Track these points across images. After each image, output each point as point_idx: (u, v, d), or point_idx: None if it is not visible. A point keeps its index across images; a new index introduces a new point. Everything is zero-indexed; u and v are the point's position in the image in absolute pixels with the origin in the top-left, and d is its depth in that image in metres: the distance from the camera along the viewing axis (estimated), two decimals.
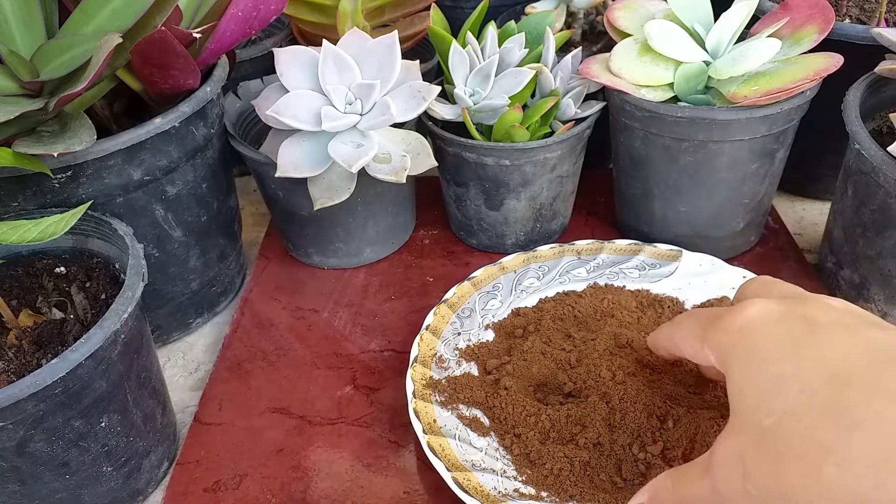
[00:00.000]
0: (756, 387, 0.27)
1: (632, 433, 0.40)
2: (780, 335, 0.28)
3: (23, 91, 0.41)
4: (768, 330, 0.28)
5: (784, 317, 0.28)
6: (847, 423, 0.24)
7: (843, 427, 0.24)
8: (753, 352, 0.28)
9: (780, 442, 0.26)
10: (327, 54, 0.48)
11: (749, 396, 0.28)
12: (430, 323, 0.48)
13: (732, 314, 0.30)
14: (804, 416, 0.25)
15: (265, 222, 0.64)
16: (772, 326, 0.28)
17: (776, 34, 0.50)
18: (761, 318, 0.29)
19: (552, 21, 0.57)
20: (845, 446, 0.24)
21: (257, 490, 0.42)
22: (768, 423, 0.26)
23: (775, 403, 0.26)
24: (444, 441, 0.40)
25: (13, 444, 0.34)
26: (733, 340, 0.29)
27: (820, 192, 0.63)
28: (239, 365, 0.50)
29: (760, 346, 0.28)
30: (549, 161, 0.52)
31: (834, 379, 0.25)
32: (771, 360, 0.27)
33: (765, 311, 0.29)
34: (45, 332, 0.40)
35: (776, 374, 0.27)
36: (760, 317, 0.29)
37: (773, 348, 0.28)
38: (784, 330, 0.28)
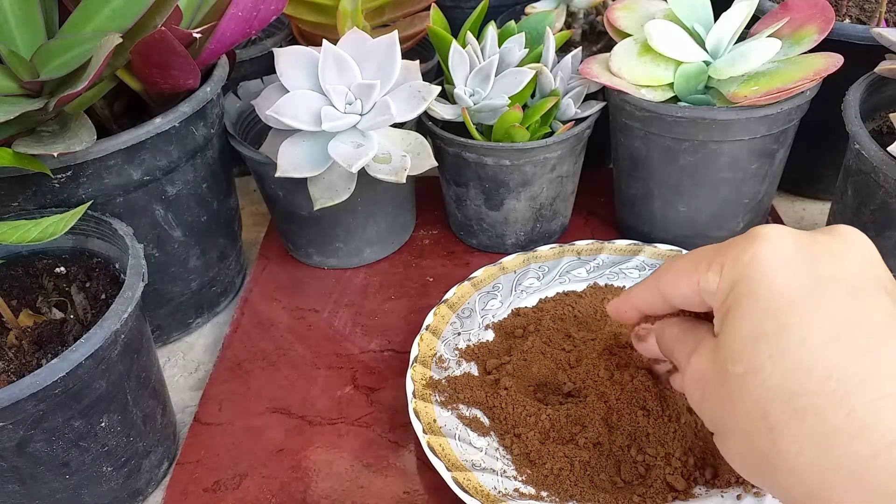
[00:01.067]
0: (738, 330, 0.28)
1: (630, 434, 0.40)
2: (780, 286, 0.27)
3: (23, 91, 0.41)
4: (771, 275, 0.27)
5: (793, 259, 0.28)
6: (793, 407, 0.25)
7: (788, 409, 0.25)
8: (750, 297, 0.28)
9: (737, 392, 0.27)
10: (327, 54, 0.48)
11: (730, 335, 0.28)
12: (430, 323, 0.48)
13: (744, 241, 0.29)
14: (764, 383, 0.26)
15: (265, 222, 0.64)
16: (776, 271, 0.28)
17: (776, 34, 0.50)
18: (771, 254, 0.28)
19: (552, 21, 0.57)
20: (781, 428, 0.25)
21: (257, 490, 0.42)
22: (733, 371, 0.27)
23: (746, 357, 0.27)
24: (444, 441, 0.40)
25: (13, 444, 0.34)
26: (738, 273, 0.28)
27: (820, 192, 0.63)
28: (239, 365, 0.50)
29: (757, 290, 0.28)
30: (549, 161, 0.52)
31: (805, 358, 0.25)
32: (760, 315, 0.27)
33: (777, 246, 0.28)
34: (45, 332, 0.40)
35: (759, 331, 0.27)
36: (770, 253, 0.28)
37: (768, 301, 0.27)
38: (785, 280, 0.27)
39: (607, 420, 0.40)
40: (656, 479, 0.38)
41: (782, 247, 0.28)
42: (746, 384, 0.26)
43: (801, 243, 0.28)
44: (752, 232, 0.29)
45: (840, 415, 0.24)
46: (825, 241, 0.28)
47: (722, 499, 0.37)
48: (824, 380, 0.25)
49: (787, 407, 0.25)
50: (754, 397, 0.26)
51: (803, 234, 0.29)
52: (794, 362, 0.25)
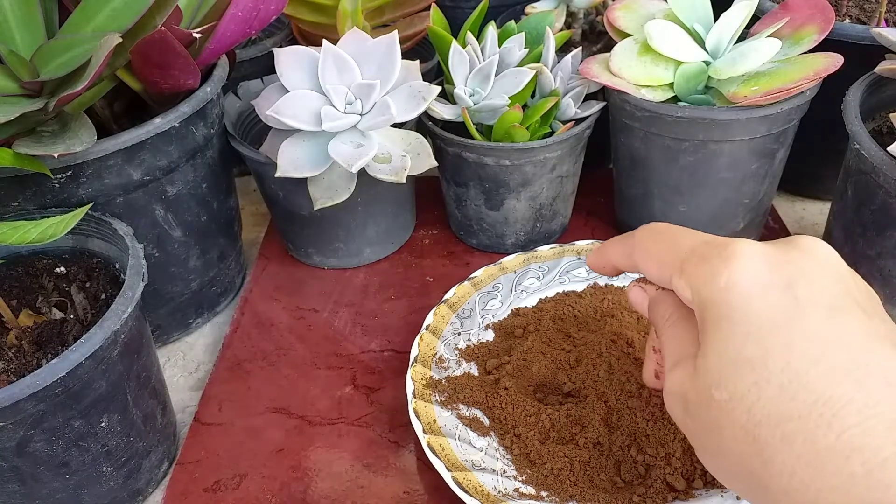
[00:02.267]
0: (720, 359, 0.28)
1: (630, 434, 0.40)
2: (758, 310, 0.27)
3: (23, 91, 0.41)
4: (749, 301, 0.28)
5: (769, 284, 0.28)
6: (782, 433, 0.25)
7: (777, 435, 0.25)
8: (729, 322, 0.28)
9: (723, 418, 0.27)
10: (327, 54, 0.48)
11: (711, 361, 0.28)
12: (430, 323, 0.48)
13: (719, 262, 0.29)
14: (750, 410, 0.26)
15: (265, 222, 0.64)
16: (753, 297, 0.28)
17: (776, 34, 0.50)
18: (746, 279, 0.28)
19: (552, 21, 0.57)
20: (772, 452, 0.25)
21: (257, 490, 0.42)
22: (717, 397, 0.27)
23: (731, 383, 0.27)
24: (444, 441, 0.40)
25: (13, 444, 0.34)
26: (714, 296, 0.28)
27: (820, 192, 0.63)
28: (239, 365, 0.50)
29: (737, 318, 0.28)
30: (549, 161, 0.52)
31: (790, 383, 0.26)
32: (742, 339, 0.27)
33: (751, 269, 0.28)
34: (45, 332, 0.40)
35: (741, 357, 0.27)
36: (746, 277, 0.28)
37: (748, 326, 0.27)
38: (763, 304, 0.27)
39: (607, 420, 0.40)
40: (656, 479, 0.38)
41: (757, 269, 0.28)
42: (732, 410, 0.27)
43: (774, 264, 0.28)
44: (724, 248, 0.29)
45: (830, 437, 0.24)
46: (796, 259, 0.28)
47: (722, 499, 0.37)
48: (811, 404, 0.25)
49: (776, 433, 0.25)
50: (741, 423, 0.26)
51: (775, 251, 0.29)
52: (779, 388, 0.26)
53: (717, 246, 0.30)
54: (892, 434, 0.24)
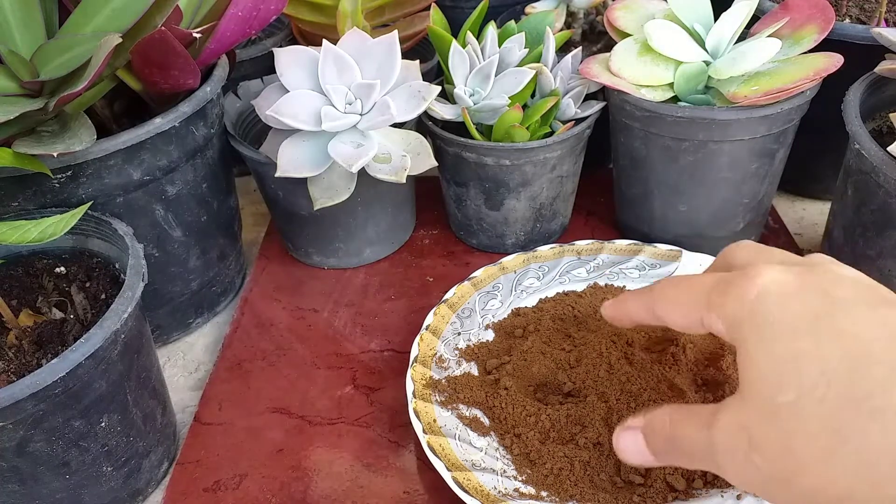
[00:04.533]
0: (773, 361, 0.26)
1: None
2: (798, 309, 0.27)
3: (23, 91, 0.41)
4: (786, 302, 0.27)
5: (801, 288, 0.27)
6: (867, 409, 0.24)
7: (863, 414, 0.24)
8: (771, 325, 0.27)
9: (795, 420, 0.25)
10: (327, 54, 0.48)
11: (764, 369, 0.27)
12: (430, 323, 0.48)
13: (745, 281, 0.28)
14: (824, 399, 0.25)
15: (265, 222, 0.64)
16: (789, 298, 0.27)
17: (776, 34, 0.50)
18: (777, 288, 0.27)
19: (552, 21, 0.57)
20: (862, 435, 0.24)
21: (257, 490, 0.42)
22: (783, 400, 0.26)
23: (793, 381, 0.26)
24: (444, 441, 0.40)
25: (13, 444, 0.34)
26: (749, 310, 0.28)
27: (820, 192, 0.63)
28: (239, 365, 0.50)
29: (778, 318, 0.27)
30: (549, 161, 0.52)
31: (856, 362, 0.25)
32: (790, 335, 0.26)
33: (780, 281, 0.28)
34: (45, 332, 0.40)
35: (796, 351, 0.26)
36: (776, 286, 0.27)
37: (793, 322, 0.26)
38: (802, 303, 0.27)
39: (607, 420, 0.40)
40: (656, 478, 0.38)
41: (785, 279, 0.28)
42: (802, 408, 0.25)
43: (801, 275, 0.28)
44: (748, 271, 0.28)
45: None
46: (821, 272, 0.28)
47: (722, 499, 0.37)
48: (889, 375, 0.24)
49: (862, 409, 0.24)
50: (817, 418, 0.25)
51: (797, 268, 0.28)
52: (850, 369, 0.25)
53: (740, 272, 0.29)
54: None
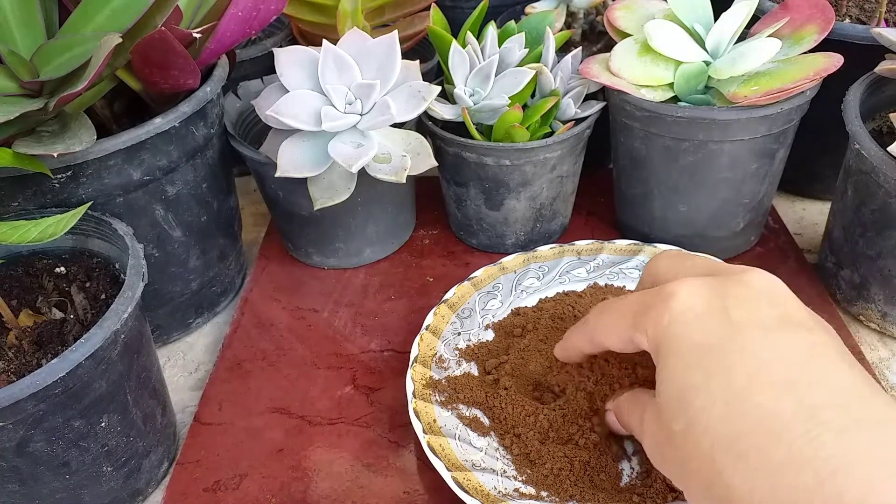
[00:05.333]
0: (672, 390, 0.29)
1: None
2: (697, 339, 0.29)
3: (23, 91, 0.41)
4: (689, 331, 0.29)
5: (705, 312, 0.29)
6: (737, 451, 0.26)
7: (732, 455, 0.26)
8: (675, 354, 0.29)
9: (686, 447, 0.28)
10: (327, 54, 0.48)
11: (666, 397, 0.29)
12: (430, 323, 0.48)
13: (660, 306, 0.30)
14: (706, 433, 0.27)
15: (265, 222, 0.64)
16: (693, 325, 0.29)
17: (776, 34, 0.50)
18: (684, 312, 0.30)
19: (552, 21, 0.57)
20: (731, 474, 0.26)
21: (257, 490, 0.42)
22: (676, 428, 0.28)
23: (683, 412, 0.28)
24: (444, 441, 0.40)
25: (13, 444, 0.34)
26: (661, 336, 0.30)
27: (820, 192, 0.63)
28: (239, 365, 0.50)
29: (680, 349, 0.29)
30: (549, 161, 0.52)
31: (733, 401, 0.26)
32: (685, 369, 0.28)
33: (688, 303, 0.30)
34: (45, 332, 0.40)
35: (687, 384, 0.28)
36: (684, 311, 0.30)
37: (690, 355, 0.29)
38: (702, 332, 0.29)
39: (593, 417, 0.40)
40: (656, 479, 0.38)
41: (693, 301, 0.30)
42: (690, 438, 0.27)
43: (710, 294, 0.30)
44: (664, 289, 0.31)
45: (781, 451, 0.25)
46: (732, 287, 0.30)
47: None
48: (757, 420, 0.26)
49: (731, 452, 0.26)
50: (700, 449, 0.27)
51: (713, 282, 0.30)
52: (725, 407, 0.26)
53: (658, 291, 0.31)
54: (842, 442, 0.24)
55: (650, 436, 0.31)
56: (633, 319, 0.32)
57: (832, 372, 0.26)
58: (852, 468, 0.23)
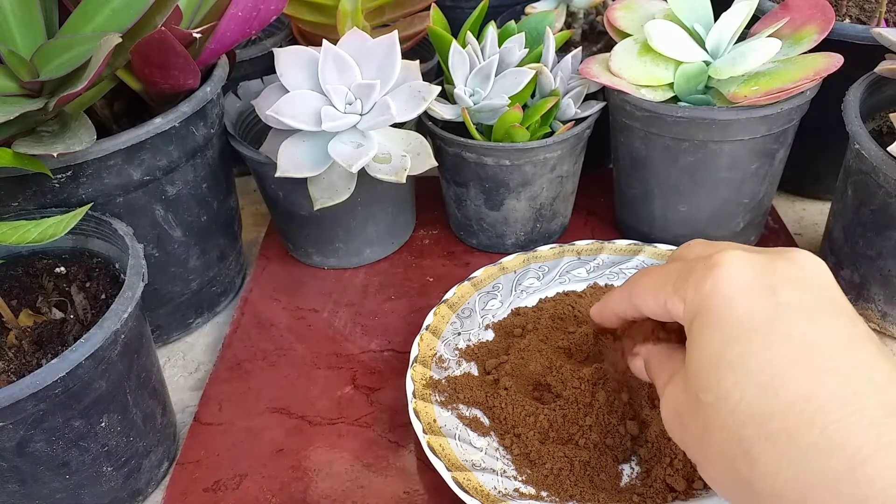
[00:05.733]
0: (704, 362, 0.28)
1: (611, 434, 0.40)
2: (740, 313, 0.28)
3: (23, 91, 0.41)
4: (732, 303, 0.28)
5: (751, 286, 0.28)
6: (766, 431, 0.25)
7: (762, 434, 0.26)
8: (712, 327, 0.28)
9: (711, 420, 0.27)
10: (327, 54, 0.48)
11: (697, 367, 0.28)
12: (430, 323, 0.48)
13: (704, 270, 0.29)
14: (735, 410, 0.26)
15: (265, 222, 0.64)
16: (736, 298, 0.28)
17: (776, 34, 0.50)
18: (729, 283, 0.29)
19: (552, 21, 0.57)
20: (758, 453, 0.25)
21: (257, 490, 0.42)
22: (704, 399, 0.28)
23: (714, 385, 0.27)
24: (444, 441, 0.40)
25: (13, 444, 0.34)
26: (700, 303, 0.29)
27: (820, 192, 0.63)
28: (239, 365, 0.50)
29: (720, 321, 0.28)
30: (549, 161, 0.52)
31: (770, 381, 0.26)
32: (724, 342, 0.28)
33: (733, 276, 0.29)
34: (45, 332, 0.40)
35: (722, 358, 0.27)
36: (729, 282, 0.29)
37: (730, 329, 0.28)
38: (745, 306, 0.28)
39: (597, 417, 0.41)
40: (656, 479, 0.38)
41: (741, 275, 0.29)
42: (718, 412, 0.27)
43: (758, 270, 0.29)
44: (712, 258, 0.30)
45: (812, 434, 0.24)
46: (782, 267, 0.29)
47: (721, 499, 0.37)
48: (792, 401, 0.25)
49: (761, 431, 0.26)
50: (727, 424, 0.27)
51: (761, 258, 0.29)
52: (760, 387, 0.26)
53: (704, 257, 0.30)
54: (874, 430, 0.24)
55: (673, 401, 0.30)
56: (673, 283, 0.31)
57: (871, 362, 0.26)
58: (883, 457, 0.23)
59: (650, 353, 0.35)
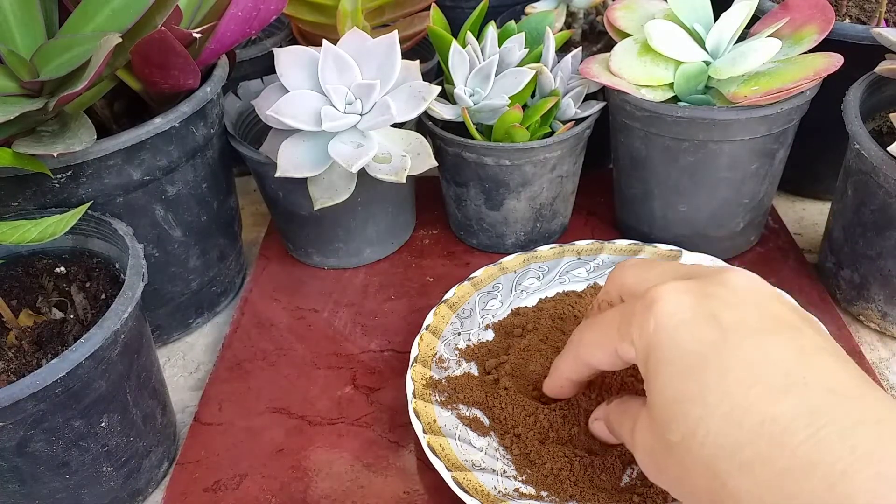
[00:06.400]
0: (665, 400, 0.28)
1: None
2: (688, 345, 0.28)
3: (23, 91, 0.41)
4: (678, 337, 0.28)
5: (693, 317, 0.28)
6: (739, 461, 0.25)
7: (735, 465, 0.25)
8: (666, 363, 0.28)
9: (683, 458, 0.27)
10: (327, 54, 0.48)
11: (659, 407, 0.28)
12: (430, 323, 0.48)
13: (644, 313, 0.30)
14: (704, 444, 0.26)
15: (265, 222, 0.64)
16: (681, 331, 0.28)
17: (776, 34, 0.50)
18: (670, 318, 0.29)
19: (552, 21, 0.57)
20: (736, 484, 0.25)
21: (257, 490, 0.42)
22: (672, 439, 0.28)
23: (679, 422, 0.27)
24: (444, 441, 0.40)
25: (13, 444, 0.34)
26: (647, 342, 0.29)
27: (820, 192, 0.63)
28: (239, 365, 0.50)
29: (670, 356, 0.28)
30: (549, 161, 0.52)
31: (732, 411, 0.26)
32: (679, 377, 0.28)
33: (674, 308, 0.29)
34: (45, 332, 0.40)
35: (682, 394, 0.27)
36: (669, 316, 0.29)
37: (682, 363, 0.28)
38: (692, 338, 0.28)
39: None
40: None
41: (679, 307, 0.29)
42: (689, 449, 0.27)
43: (695, 299, 0.29)
44: (647, 295, 0.30)
45: (785, 456, 0.24)
46: (716, 292, 0.29)
47: None
48: (758, 427, 0.25)
49: (734, 462, 0.25)
50: (700, 460, 0.26)
51: (695, 286, 0.29)
52: (723, 417, 0.26)
53: (640, 298, 0.30)
54: (845, 442, 0.24)
55: (643, 446, 0.30)
56: (616, 331, 0.31)
57: (825, 371, 0.26)
58: (860, 469, 0.23)
59: (606, 412, 0.36)
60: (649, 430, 0.30)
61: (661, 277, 0.32)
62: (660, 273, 0.33)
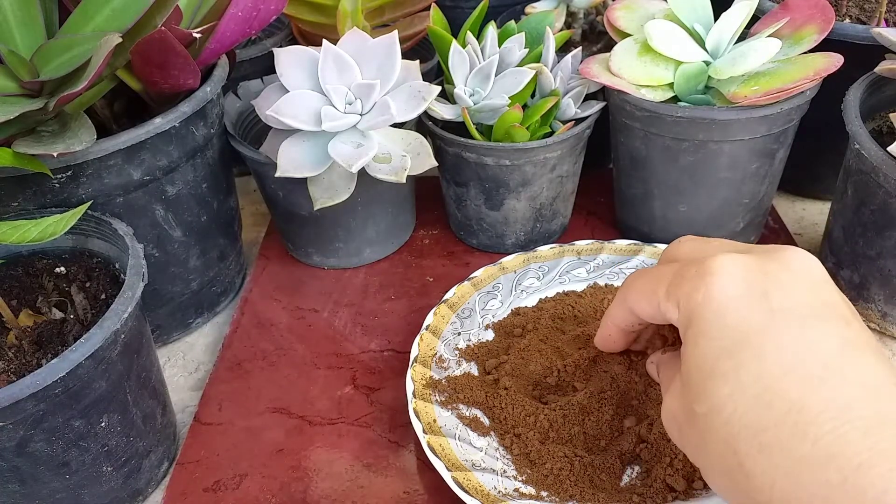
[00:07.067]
0: (698, 372, 0.28)
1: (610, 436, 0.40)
2: (732, 322, 0.28)
3: (23, 91, 0.41)
4: (724, 312, 0.28)
5: (743, 294, 0.28)
6: (759, 443, 0.25)
7: (755, 445, 0.25)
8: (705, 336, 0.28)
9: (706, 430, 0.27)
10: (327, 54, 0.48)
11: (691, 377, 0.28)
12: (430, 323, 0.48)
13: (696, 281, 0.29)
14: (729, 421, 0.26)
15: (265, 222, 0.64)
16: (729, 307, 0.28)
17: (776, 34, 0.50)
18: (720, 292, 0.28)
19: (552, 21, 0.57)
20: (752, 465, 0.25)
21: (257, 490, 0.42)
22: (698, 410, 0.28)
23: (709, 395, 0.27)
24: (444, 441, 0.40)
25: (13, 444, 0.34)
26: (692, 311, 0.29)
27: (820, 192, 0.63)
28: (239, 365, 0.50)
29: (711, 330, 0.28)
30: (549, 161, 0.52)
31: (763, 393, 0.26)
32: (716, 353, 0.28)
33: (725, 284, 0.28)
34: (45, 332, 0.40)
35: (716, 369, 0.27)
36: (720, 290, 0.28)
37: (722, 339, 0.28)
38: (737, 316, 0.28)
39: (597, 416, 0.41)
40: (656, 479, 0.38)
41: (733, 282, 0.28)
42: (712, 423, 0.27)
43: (751, 275, 0.28)
44: (704, 264, 0.29)
45: (805, 446, 0.24)
46: (774, 270, 0.28)
47: (721, 500, 0.37)
48: (785, 413, 0.25)
49: (754, 443, 0.26)
50: (722, 435, 0.27)
51: (753, 261, 0.29)
52: (754, 398, 0.26)
53: (696, 263, 0.30)
54: (868, 439, 0.24)
55: (669, 409, 0.31)
56: (665, 288, 0.31)
57: (864, 368, 0.26)
58: (876, 464, 0.23)
59: (660, 361, 0.36)
60: (679, 396, 0.30)
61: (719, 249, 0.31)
62: (718, 246, 0.32)
